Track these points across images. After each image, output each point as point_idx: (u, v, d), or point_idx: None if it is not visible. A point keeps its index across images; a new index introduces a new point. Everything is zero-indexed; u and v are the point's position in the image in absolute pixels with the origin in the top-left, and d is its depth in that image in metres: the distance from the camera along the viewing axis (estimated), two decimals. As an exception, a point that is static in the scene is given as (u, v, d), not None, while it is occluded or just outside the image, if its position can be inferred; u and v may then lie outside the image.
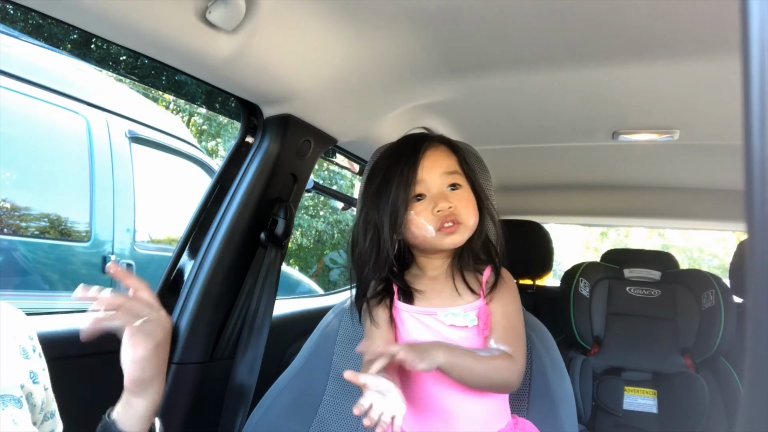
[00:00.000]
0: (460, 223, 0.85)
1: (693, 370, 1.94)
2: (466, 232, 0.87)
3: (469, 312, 0.86)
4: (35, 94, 2.27)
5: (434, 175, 0.86)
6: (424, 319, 0.88)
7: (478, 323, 0.86)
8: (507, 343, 0.84)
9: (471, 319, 0.86)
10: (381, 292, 0.92)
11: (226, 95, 1.23)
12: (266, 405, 1.08)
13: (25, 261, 2.24)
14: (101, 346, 1.12)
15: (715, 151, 1.73)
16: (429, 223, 0.85)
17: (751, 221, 0.25)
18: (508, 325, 0.87)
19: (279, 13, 0.98)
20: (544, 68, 1.21)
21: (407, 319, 0.89)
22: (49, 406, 0.67)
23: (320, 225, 7.12)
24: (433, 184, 0.86)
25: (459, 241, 0.87)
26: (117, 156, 2.60)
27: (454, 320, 0.86)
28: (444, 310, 0.87)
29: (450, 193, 0.87)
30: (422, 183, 0.86)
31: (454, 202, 0.85)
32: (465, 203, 0.87)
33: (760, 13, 0.24)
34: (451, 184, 0.87)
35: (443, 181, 0.87)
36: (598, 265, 2.21)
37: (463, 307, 0.87)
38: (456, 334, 0.86)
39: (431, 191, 0.86)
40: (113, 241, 2.55)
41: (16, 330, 0.64)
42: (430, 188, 0.86)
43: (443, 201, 0.85)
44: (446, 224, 0.85)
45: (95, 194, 2.48)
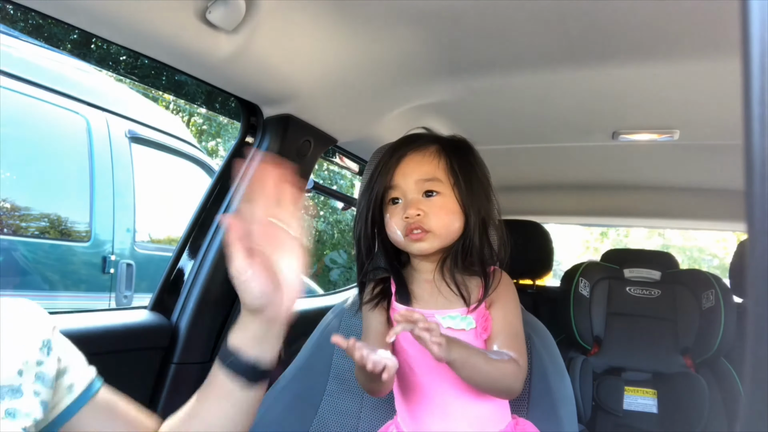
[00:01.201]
0: (428, 231, 0.85)
1: (693, 370, 1.94)
2: (435, 241, 0.86)
3: (467, 315, 0.86)
4: (35, 94, 2.28)
5: (409, 181, 0.87)
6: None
7: (476, 326, 0.86)
8: (511, 349, 0.84)
9: (469, 322, 0.86)
10: (379, 294, 0.92)
11: (226, 95, 1.23)
12: (266, 405, 1.08)
13: (25, 261, 2.24)
14: (101, 346, 1.13)
15: (715, 151, 1.73)
16: (398, 227, 0.87)
17: (751, 221, 0.25)
18: (510, 331, 0.87)
19: (279, 12, 0.98)
20: (544, 68, 1.21)
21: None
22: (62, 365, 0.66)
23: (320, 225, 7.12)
24: (408, 190, 0.87)
25: (427, 249, 0.86)
26: (117, 156, 2.59)
27: (452, 323, 0.86)
28: (441, 313, 0.87)
29: (423, 200, 0.86)
30: (397, 188, 0.87)
31: (426, 209, 0.85)
32: (437, 211, 0.85)
33: (760, 13, 0.24)
34: (426, 191, 0.86)
35: (418, 187, 0.86)
36: (598, 265, 2.21)
37: (460, 311, 0.86)
38: (453, 335, 0.85)
39: (406, 196, 0.87)
40: (113, 241, 2.55)
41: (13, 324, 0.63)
42: (405, 193, 0.87)
43: (412, 208, 0.85)
44: (414, 231, 0.85)
45: (95, 194, 2.48)
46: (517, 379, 0.82)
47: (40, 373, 0.61)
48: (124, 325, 1.19)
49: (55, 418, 0.66)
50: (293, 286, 0.63)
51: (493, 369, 0.80)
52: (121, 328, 1.18)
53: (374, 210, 0.90)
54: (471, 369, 0.78)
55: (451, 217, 0.86)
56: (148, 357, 1.22)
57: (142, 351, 1.21)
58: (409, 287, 0.91)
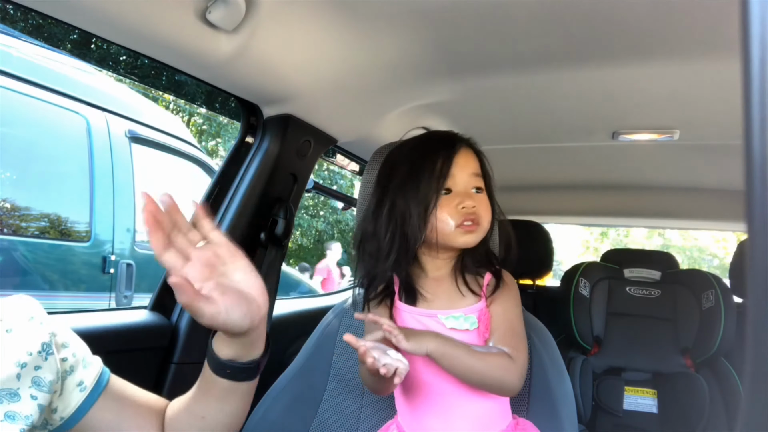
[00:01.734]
0: (479, 224, 0.87)
1: (693, 370, 1.94)
2: (480, 234, 0.88)
3: (470, 315, 0.87)
4: (35, 93, 2.28)
5: (464, 173, 0.88)
6: (425, 320, 0.88)
7: (479, 326, 0.86)
8: (506, 345, 0.84)
9: (472, 322, 0.86)
10: (382, 292, 0.92)
11: (226, 95, 1.23)
12: (266, 405, 1.08)
13: (25, 261, 2.24)
14: (101, 346, 1.13)
15: (715, 151, 1.73)
16: (451, 217, 0.86)
17: (751, 221, 0.25)
18: (508, 327, 0.87)
19: (279, 13, 0.98)
20: (544, 68, 1.21)
21: (408, 320, 0.89)
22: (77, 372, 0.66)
23: (320, 225, 7.13)
24: (461, 182, 0.87)
25: (473, 241, 0.88)
26: (117, 156, 2.59)
27: (455, 323, 0.86)
28: (444, 313, 0.87)
29: (474, 194, 0.88)
30: (452, 178, 0.87)
31: (477, 203, 0.87)
32: (485, 206, 0.88)
33: (760, 13, 0.24)
34: (476, 186, 0.89)
35: (470, 181, 0.88)
36: (598, 265, 2.21)
37: (463, 310, 0.87)
38: (457, 337, 0.86)
39: (457, 187, 0.87)
40: (113, 241, 2.55)
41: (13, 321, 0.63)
42: (457, 184, 0.87)
43: (469, 199, 0.86)
44: (466, 222, 0.86)
45: (95, 194, 2.48)
46: (509, 373, 0.81)
47: (36, 378, 0.61)
48: (124, 325, 1.19)
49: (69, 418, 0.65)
50: (257, 287, 0.62)
51: (478, 361, 0.80)
52: (121, 328, 1.18)
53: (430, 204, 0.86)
54: (451, 359, 0.78)
55: (490, 215, 0.90)
56: (148, 357, 1.22)
57: (142, 351, 1.21)
58: (413, 286, 0.91)
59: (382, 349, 0.72)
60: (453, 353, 0.78)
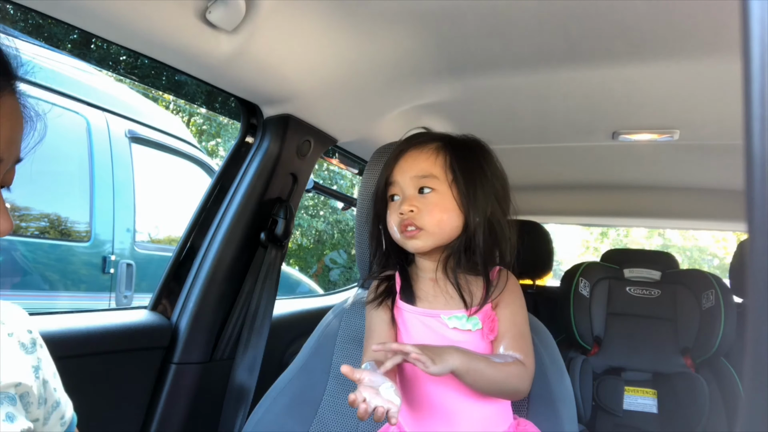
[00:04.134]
0: (421, 229, 0.84)
1: (693, 370, 1.94)
2: (428, 239, 0.85)
3: (473, 316, 0.85)
4: (35, 93, 2.27)
5: (405, 177, 0.87)
6: (427, 321, 0.87)
7: (482, 327, 0.85)
8: (518, 350, 0.83)
9: (474, 323, 0.85)
10: (383, 292, 0.92)
11: (226, 95, 1.23)
12: (266, 405, 1.08)
13: (25, 261, 2.24)
14: (101, 346, 1.13)
15: (715, 151, 1.73)
16: (395, 224, 0.86)
17: (751, 221, 0.25)
18: (516, 332, 0.86)
19: (279, 13, 0.98)
20: (544, 68, 1.21)
21: (410, 320, 0.89)
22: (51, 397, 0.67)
23: (320, 225, 7.12)
24: (405, 186, 0.86)
25: (421, 246, 0.86)
26: (117, 156, 2.59)
27: (458, 323, 0.85)
28: (447, 313, 0.86)
29: (418, 197, 0.85)
30: (396, 184, 0.88)
31: (420, 206, 0.84)
32: (430, 208, 0.84)
33: (761, 13, 0.24)
34: (421, 187, 0.85)
35: (413, 183, 0.86)
36: (598, 265, 2.20)
37: (466, 311, 0.86)
38: (459, 337, 0.85)
39: (404, 193, 0.87)
40: (113, 241, 2.55)
41: (14, 326, 0.64)
42: (403, 190, 0.87)
43: (405, 204, 0.84)
44: (408, 228, 0.84)
45: (95, 194, 2.48)
46: (522, 381, 0.81)
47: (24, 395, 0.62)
48: (124, 325, 1.19)
49: None
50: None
51: (497, 372, 0.79)
52: (121, 328, 1.18)
53: (378, 207, 0.92)
54: (475, 374, 0.76)
55: (447, 215, 0.85)
56: (148, 357, 1.22)
57: (142, 351, 1.21)
58: (413, 286, 0.91)
59: (375, 386, 0.70)
60: (476, 368, 0.76)
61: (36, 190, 2.36)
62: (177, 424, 1.24)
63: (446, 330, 0.85)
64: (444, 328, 0.86)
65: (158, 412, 1.22)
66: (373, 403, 0.67)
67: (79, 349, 1.07)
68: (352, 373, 0.70)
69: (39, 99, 2.40)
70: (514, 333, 0.85)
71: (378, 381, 0.70)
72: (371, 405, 0.67)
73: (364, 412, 0.67)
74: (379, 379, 0.71)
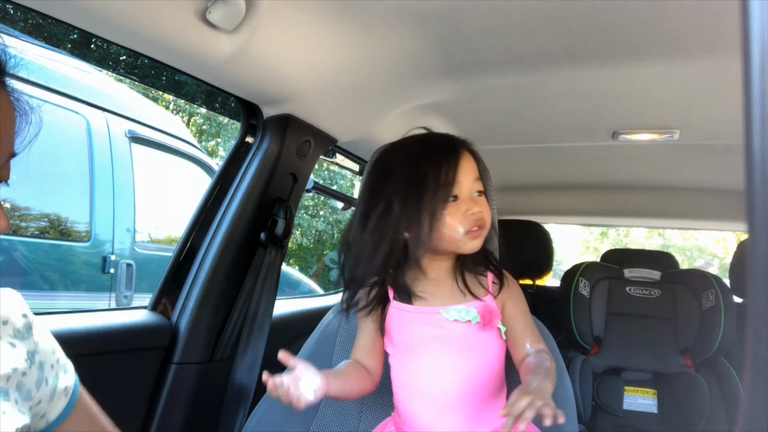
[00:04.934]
0: (483, 228, 0.87)
1: (693, 370, 1.94)
2: (484, 237, 0.89)
3: (471, 309, 0.88)
4: (35, 93, 2.27)
5: (469, 178, 0.87)
6: (426, 318, 0.88)
7: (481, 321, 0.87)
8: (537, 342, 0.90)
9: (473, 315, 0.87)
10: (374, 299, 0.93)
11: (226, 95, 1.23)
12: (266, 405, 1.08)
13: (25, 261, 2.24)
14: (101, 346, 1.13)
15: (715, 151, 1.73)
16: (460, 224, 0.86)
17: (751, 221, 0.25)
18: (529, 325, 0.91)
19: (279, 13, 0.98)
20: (544, 68, 1.21)
21: (407, 319, 0.90)
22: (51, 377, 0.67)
23: (320, 225, 7.12)
24: (466, 188, 0.87)
25: (479, 246, 0.88)
26: (117, 156, 2.59)
27: (457, 315, 0.87)
28: (446, 308, 0.88)
29: (477, 199, 0.88)
30: (458, 185, 0.86)
31: (481, 207, 0.87)
32: (488, 209, 0.89)
33: (761, 13, 0.24)
34: (477, 190, 0.89)
35: (474, 186, 0.88)
36: (598, 265, 2.20)
37: (465, 304, 0.88)
38: (459, 329, 0.87)
39: (463, 194, 0.87)
40: (113, 241, 2.55)
41: (8, 312, 0.63)
42: (463, 190, 0.87)
43: (475, 205, 0.86)
44: (474, 228, 0.86)
45: (95, 194, 2.48)
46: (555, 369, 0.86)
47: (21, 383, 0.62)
48: (124, 325, 1.19)
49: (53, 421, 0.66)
50: None
51: (554, 373, 0.84)
52: (121, 328, 1.18)
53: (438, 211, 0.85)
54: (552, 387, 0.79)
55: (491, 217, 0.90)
56: (148, 357, 1.22)
57: (142, 351, 1.21)
58: (409, 288, 0.91)
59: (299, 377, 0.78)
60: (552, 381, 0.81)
61: (36, 190, 2.36)
62: (177, 424, 1.24)
63: (446, 323, 0.87)
64: (444, 321, 0.87)
65: (158, 412, 1.22)
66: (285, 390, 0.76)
67: (79, 349, 1.06)
68: (287, 359, 0.79)
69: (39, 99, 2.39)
70: (530, 328, 0.91)
71: (306, 375, 0.79)
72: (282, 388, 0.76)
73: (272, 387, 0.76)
74: (308, 374, 0.79)
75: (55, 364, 0.68)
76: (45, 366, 0.66)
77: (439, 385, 0.87)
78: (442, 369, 0.87)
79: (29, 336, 0.64)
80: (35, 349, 0.64)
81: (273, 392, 0.77)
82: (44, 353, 0.66)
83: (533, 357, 0.87)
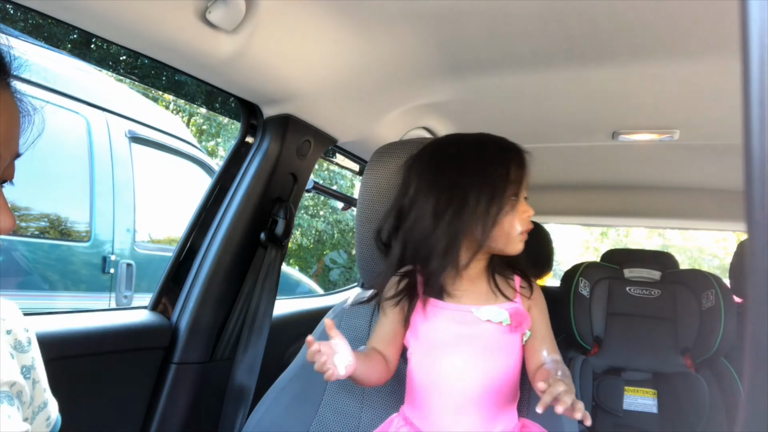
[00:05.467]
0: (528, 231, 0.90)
1: (693, 370, 1.94)
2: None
3: (503, 310, 0.88)
4: (35, 93, 2.27)
5: (526, 182, 0.91)
6: (458, 315, 0.88)
7: (511, 323, 0.88)
8: (555, 351, 0.90)
9: (505, 317, 0.88)
10: (404, 290, 0.91)
11: (226, 95, 1.23)
12: (266, 405, 1.08)
13: (25, 261, 2.24)
14: (101, 346, 1.13)
15: (715, 151, 1.73)
16: (519, 224, 0.89)
17: (751, 221, 0.25)
18: (549, 332, 0.92)
19: (279, 13, 0.98)
20: (544, 68, 1.21)
21: (437, 315, 0.89)
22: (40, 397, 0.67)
23: (320, 225, 7.12)
24: (524, 190, 0.90)
25: (522, 249, 0.91)
26: (117, 156, 2.59)
27: (490, 315, 0.88)
28: (478, 307, 0.88)
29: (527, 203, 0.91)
30: (523, 185, 0.90)
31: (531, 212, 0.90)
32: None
33: (760, 13, 0.24)
34: (525, 196, 0.91)
35: (525, 191, 0.91)
36: (598, 265, 2.20)
37: (498, 305, 0.89)
38: (489, 329, 0.87)
39: (522, 196, 0.90)
40: (113, 241, 2.55)
41: (12, 324, 0.63)
42: (522, 192, 0.90)
43: (529, 208, 0.90)
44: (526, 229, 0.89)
45: (95, 194, 2.48)
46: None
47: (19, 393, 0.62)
48: (124, 325, 1.19)
49: None
50: None
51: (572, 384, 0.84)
52: (121, 328, 1.18)
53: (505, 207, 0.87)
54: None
55: None
56: (148, 357, 1.22)
57: (142, 351, 1.21)
58: (441, 283, 0.89)
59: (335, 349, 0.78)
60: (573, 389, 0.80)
61: (36, 190, 2.36)
62: (177, 424, 1.24)
63: (478, 323, 0.87)
64: (476, 321, 0.87)
65: (158, 412, 1.22)
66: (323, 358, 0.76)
67: (79, 349, 1.07)
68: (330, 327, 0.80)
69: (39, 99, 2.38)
70: (550, 336, 0.91)
71: (342, 349, 0.79)
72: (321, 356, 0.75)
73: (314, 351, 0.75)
74: (344, 350, 0.79)
75: (46, 388, 0.67)
76: (38, 386, 0.66)
77: (461, 384, 0.87)
78: (466, 368, 0.86)
79: (28, 350, 0.64)
80: (32, 365, 0.64)
81: (312, 357, 0.76)
82: (39, 372, 0.66)
83: (551, 364, 0.87)
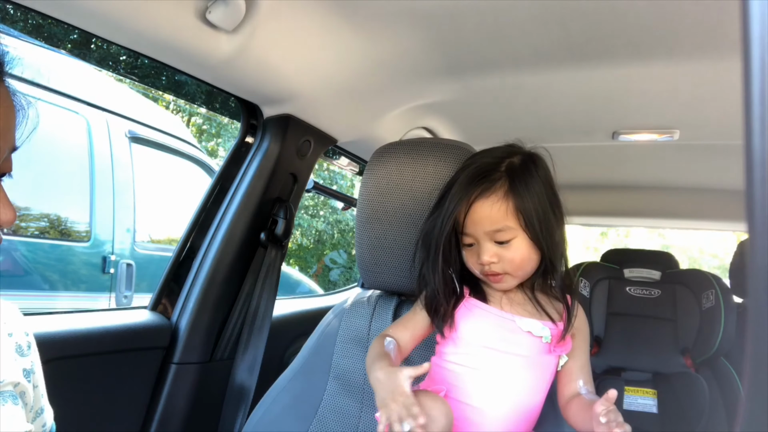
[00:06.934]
0: (508, 273, 0.84)
1: (693, 370, 1.94)
2: (513, 280, 0.85)
3: (546, 327, 0.84)
4: (35, 94, 2.27)
5: (479, 230, 0.83)
6: (501, 322, 0.85)
7: (551, 341, 0.85)
8: (590, 383, 0.87)
9: (546, 334, 0.84)
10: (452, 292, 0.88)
11: (226, 95, 1.23)
12: (266, 405, 1.08)
13: (25, 261, 2.24)
14: (101, 346, 1.13)
15: (715, 151, 1.73)
16: (476, 269, 0.85)
17: (751, 221, 0.25)
18: (587, 363, 0.88)
19: (279, 13, 0.98)
20: (544, 68, 1.21)
21: (481, 316, 0.86)
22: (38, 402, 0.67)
23: (320, 225, 7.12)
24: (480, 238, 0.83)
25: (507, 287, 0.86)
26: (117, 156, 2.59)
27: (532, 328, 0.84)
28: (521, 317, 0.85)
29: (496, 248, 0.83)
30: (470, 236, 0.84)
31: (501, 255, 0.82)
32: (510, 257, 0.82)
33: (761, 13, 0.24)
34: (497, 242, 0.83)
35: (489, 237, 0.83)
36: (598, 265, 2.21)
37: (541, 321, 0.85)
38: (528, 342, 0.84)
39: (481, 244, 0.84)
40: (113, 241, 2.55)
41: (13, 327, 0.64)
42: (478, 240, 0.84)
43: (486, 255, 0.82)
44: (490, 275, 0.84)
45: (95, 194, 2.48)
46: None
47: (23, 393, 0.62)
48: (124, 325, 1.19)
49: None
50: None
51: None
52: (121, 328, 1.18)
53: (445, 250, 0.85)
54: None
55: (526, 259, 0.84)
56: (148, 357, 1.22)
57: (142, 351, 1.21)
58: (483, 289, 0.89)
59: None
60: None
61: (36, 190, 2.36)
62: (177, 424, 1.24)
63: (518, 332, 0.84)
64: (517, 330, 0.84)
65: (158, 412, 1.22)
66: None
67: (79, 349, 1.07)
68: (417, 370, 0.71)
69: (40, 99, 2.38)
70: (588, 367, 0.88)
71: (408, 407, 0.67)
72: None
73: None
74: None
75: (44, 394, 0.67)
76: (37, 391, 0.66)
77: (490, 397, 0.84)
78: (499, 380, 0.83)
79: (28, 354, 0.64)
80: (31, 369, 0.64)
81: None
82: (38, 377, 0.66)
83: (588, 396, 0.84)
